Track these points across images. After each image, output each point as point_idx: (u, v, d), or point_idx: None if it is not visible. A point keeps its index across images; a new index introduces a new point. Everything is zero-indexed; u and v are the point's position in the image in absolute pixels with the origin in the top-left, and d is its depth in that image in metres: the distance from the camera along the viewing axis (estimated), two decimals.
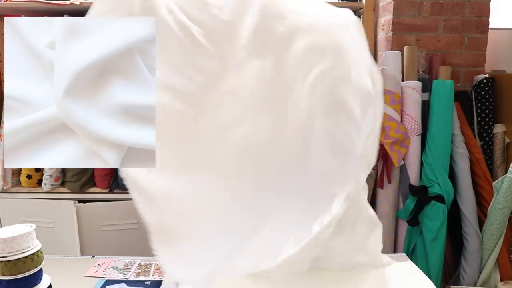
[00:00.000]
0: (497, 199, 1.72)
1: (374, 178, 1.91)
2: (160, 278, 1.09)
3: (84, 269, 1.14)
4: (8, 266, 0.87)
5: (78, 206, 1.84)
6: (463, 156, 1.83)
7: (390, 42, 1.94)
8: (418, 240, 1.84)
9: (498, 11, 2.07)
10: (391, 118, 1.82)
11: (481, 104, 1.91)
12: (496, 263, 1.78)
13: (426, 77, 1.90)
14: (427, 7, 1.93)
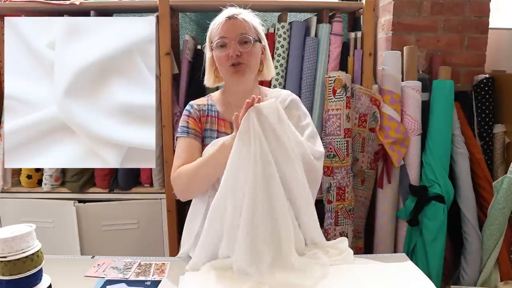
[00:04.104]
0: (497, 199, 1.72)
1: (374, 178, 1.91)
2: (160, 278, 1.09)
3: (84, 269, 1.14)
4: (8, 266, 0.87)
5: (78, 206, 1.84)
6: (463, 156, 1.83)
7: (390, 42, 1.94)
8: (418, 240, 1.84)
9: (498, 11, 2.08)
10: (391, 118, 1.82)
11: (481, 104, 1.91)
12: (496, 263, 1.78)
13: (426, 77, 1.90)
14: (427, 7, 1.93)
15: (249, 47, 1.20)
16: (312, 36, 1.86)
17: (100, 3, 1.75)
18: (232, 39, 1.19)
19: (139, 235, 1.89)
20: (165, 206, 1.86)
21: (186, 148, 1.25)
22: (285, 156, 1.09)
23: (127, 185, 1.88)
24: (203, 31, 2.21)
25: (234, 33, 1.20)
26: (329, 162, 1.78)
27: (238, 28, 1.20)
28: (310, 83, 1.85)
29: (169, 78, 1.76)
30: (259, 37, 1.26)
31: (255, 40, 1.22)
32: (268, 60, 1.32)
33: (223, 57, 1.21)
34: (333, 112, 1.77)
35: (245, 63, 1.21)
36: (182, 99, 1.85)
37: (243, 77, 1.23)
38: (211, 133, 1.28)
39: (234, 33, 1.19)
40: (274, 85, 1.83)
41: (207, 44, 1.29)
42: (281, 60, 1.83)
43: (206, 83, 1.35)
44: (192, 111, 1.30)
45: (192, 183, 1.20)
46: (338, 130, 1.77)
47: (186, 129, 1.27)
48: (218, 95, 1.35)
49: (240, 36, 1.20)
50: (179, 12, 2.10)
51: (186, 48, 1.82)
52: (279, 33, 1.82)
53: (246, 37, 1.20)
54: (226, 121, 1.28)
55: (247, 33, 1.20)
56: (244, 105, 1.06)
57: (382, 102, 1.84)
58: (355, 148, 1.87)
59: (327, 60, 1.85)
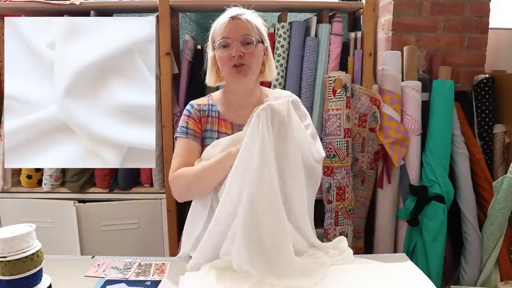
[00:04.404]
0: (497, 199, 1.72)
1: (374, 178, 1.91)
2: (160, 278, 1.09)
3: (84, 269, 1.14)
4: (8, 266, 0.87)
5: (78, 206, 1.84)
6: (463, 156, 1.83)
7: (390, 42, 1.94)
8: (418, 240, 1.84)
9: (498, 11, 2.08)
10: (391, 118, 1.82)
11: (481, 104, 1.91)
12: (496, 263, 1.78)
13: (426, 77, 1.90)
14: (427, 7, 1.93)
15: (252, 48, 1.20)
16: (312, 36, 1.86)
17: (100, 3, 1.75)
18: (235, 40, 1.19)
19: (139, 235, 1.89)
20: (165, 206, 1.86)
21: (184, 149, 1.25)
22: (289, 159, 1.10)
23: (127, 185, 1.88)
24: (203, 31, 2.22)
25: (237, 34, 1.19)
26: (329, 162, 1.78)
27: (241, 29, 1.20)
28: (310, 83, 1.85)
29: (169, 78, 1.76)
30: (262, 38, 1.25)
31: (257, 41, 1.22)
32: (270, 62, 1.32)
33: (225, 57, 1.21)
34: (333, 112, 1.77)
35: (247, 64, 1.21)
36: (182, 99, 1.85)
37: (245, 78, 1.23)
38: (211, 133, 1.28)
39: (237, 34, 1.19)
40: (274, 85, 1.83)
41: (209, 43, 1.28)
42: (281, 60, 1.83)
43: (208, 82, 1.35)
44: (193, 111, 1.30)
45: (194, 187, 1.20)
46: (338, 130, 1.77)
47: (186, 130, 1.27)
48: (219, 95, 1.35)
49: (243, 37, 1.19)
50: (179, 12, 2.10)
51: (186, 48, 1.82)
52: (279, 33, 1.82)
53: (249, 38, 1.20)
54: (226, 121, 1.28)
55: (250, 34, 1.20)
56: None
57: (382, 102, 1.84)
58: (355, 148, 1.87)
59: (327, 60, 1.85)
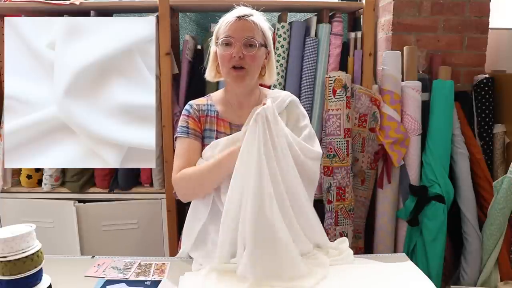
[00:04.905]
0: (497, 199, 1.72)
1: (374, 178, 1.91)
2: (160, 278, 1.09)
3: (84, 269, 1.14)
4: (8, 266, 0.87)
5: (78, 206, 1.84)
6: (463, 156, 1.83)
7: (390, 42, 1.94)
8: (418, 240, 1.84)
9: (498, 11, 2.08)
10: (391, 118, 1.82)
11: (481, 104, 1.91)
12: (496, 263, 1.78)
13: (426, 77, 1.90)
14: (427, 7, 1.93)
15: (253, 51, 1.19)
16: (312, 36, 1.86)
17: (100, 3, 1.75)
18: (238, 40, 1.18)
19: (139, 235, 1.89)
20: (165, 206, 1.86)
21: (186, 149, 1.25)
22: (284, 160, 1.11)
23: (127, 185, 1.88)
24: (203, 31, 2.22)
25: (240, 35, 1.18)
26: (329, 162, 1.78)
27: (246, 30, 1.19)
28: (310, 83, 1.85)
29: (169, 78, 1.76)
30: (266, 42, 1.24)
31: (260, 44, 1.21)
32: (271, 66, 1.31)
33: (226, 56, 1.20)
34: (333, 112, 1.77)
35: (246, 67, 1.20)
36: (182, 99, 1.85)
37: (242, 83, 1.23)
38: (210, 133, 1.28)
39: (241, 35, 1.18)
40: (274, 85, 1.83)
41: (213, 38, 1.27)
42: (281, 60, 1.83)
43: (207, 76, 1.34)
44: (192, 111, 1.30)
45: (200, 187, 1.20)
46: (338, 130, 1.77)
47: (186, 129, 1.27)
48: (219, 95, 1.35)
49: (246, 39, 1.18)
50: (179, 12, 2.10)
51: (186, 48, 1.82)
52: (279, 33, 1.82)
53: (252, 41, 1.19)
54: (225, 121, 1.28)
55: (253, 36, 1.19)
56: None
57: (382, 102, 1.84)
58: (355, 148, 1.87)
59: (327, 60, 1.85)
